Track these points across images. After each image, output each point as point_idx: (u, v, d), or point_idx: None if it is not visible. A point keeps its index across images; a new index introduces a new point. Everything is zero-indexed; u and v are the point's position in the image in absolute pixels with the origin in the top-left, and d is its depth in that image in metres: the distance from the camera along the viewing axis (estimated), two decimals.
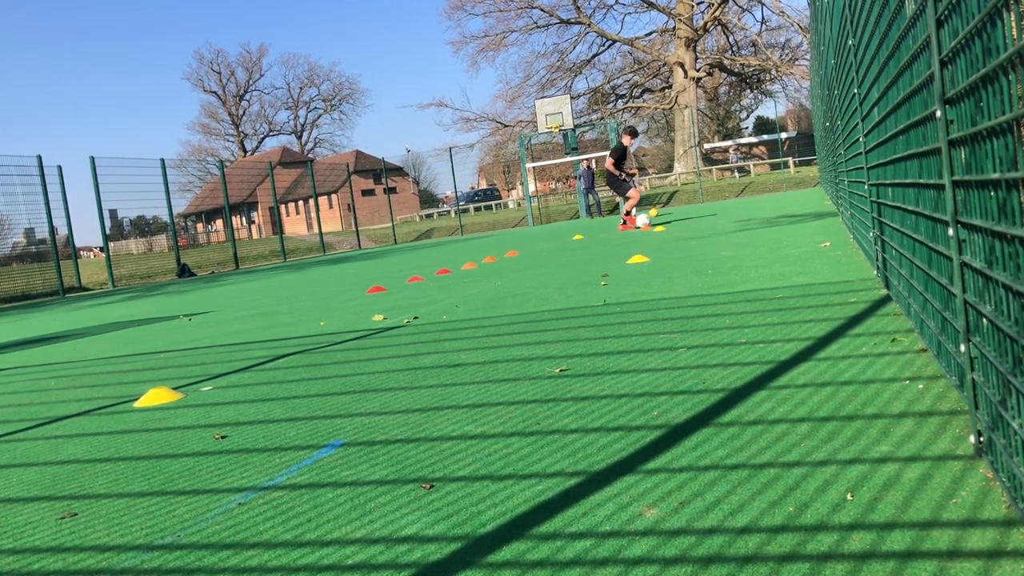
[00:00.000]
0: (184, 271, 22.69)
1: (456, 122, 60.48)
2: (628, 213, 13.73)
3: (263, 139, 73.24)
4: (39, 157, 19.80)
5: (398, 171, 59.78)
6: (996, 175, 1.17)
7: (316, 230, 36.40)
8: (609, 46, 43.20)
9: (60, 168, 20.33)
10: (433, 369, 3.19)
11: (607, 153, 14.74)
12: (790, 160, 38.51)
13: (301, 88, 73.27)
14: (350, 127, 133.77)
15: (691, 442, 1.85)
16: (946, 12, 1.43)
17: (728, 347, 2.84)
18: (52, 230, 20.22)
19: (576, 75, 43.54)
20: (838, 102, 5.37)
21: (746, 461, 1.68)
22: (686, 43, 39.86)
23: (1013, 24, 1.04)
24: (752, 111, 54.36)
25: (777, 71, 40.93)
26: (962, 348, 1.58)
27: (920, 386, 2.03)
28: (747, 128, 57.46)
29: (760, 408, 2.04)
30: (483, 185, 63.40)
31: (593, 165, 28.99)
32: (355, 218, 34.54)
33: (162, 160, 23.25)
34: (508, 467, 1.85)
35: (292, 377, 3.45)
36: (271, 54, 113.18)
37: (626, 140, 13.09)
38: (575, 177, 32.00)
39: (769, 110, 74.92)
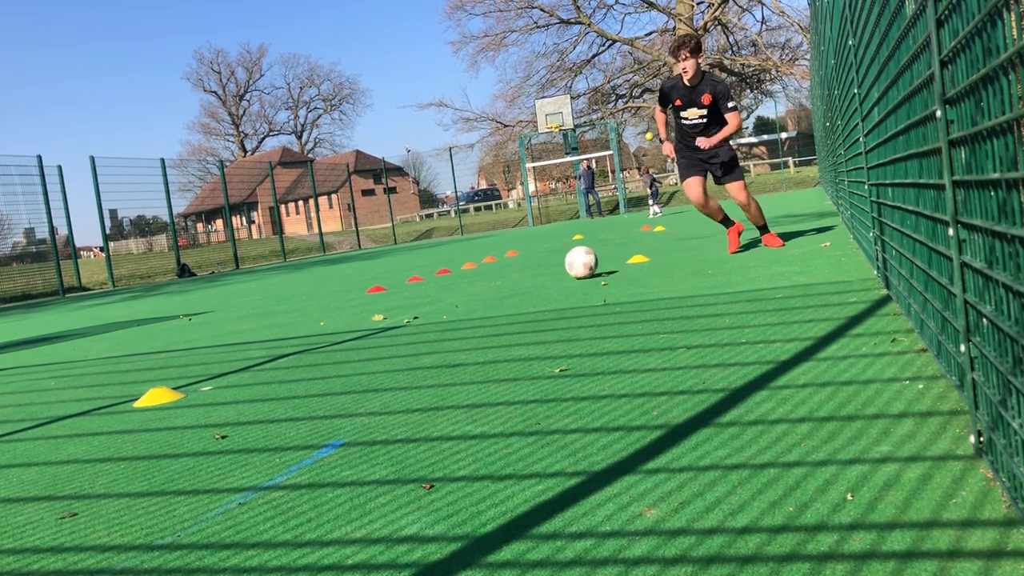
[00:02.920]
0: (184, 271, 22.69)
1: (456, 122, 60.42)
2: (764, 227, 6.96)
3: (263, 139, 73.26)
4: (39, 157, 19.83)
5: (398, 171, 59.79)
6: (996, 175, 1.17)
7: (316, 230, 36.40)
8: (609, 46, 43.17)
9: (60, 168, 20.36)
10: (433, 369, 3.19)
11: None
12: (790, 160, 38.50)
13: (301, 88, 73.29)
14: (350, 127, 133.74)
15: (691, 442, 1.85)
16: (946, 12, 1.43)
17: (728, 347, 2.84)
18: (52, 230, 20.24)
19: (576, 75, 43.49)
20: (838, 102, 5.37)
21: (746, 461, 1.68)
22: None
23: (1013, 24, 1.04)
24: (752, 111, 54.30)
25: (777, 71, 40.89)
26: (962, 348, 1.58)
27: (920, 386, 2.03)
28: (747, 128, 57.44)
29: (760, 408, 2.04)
30: (483, 185, 63.41)
31: (593, 165, 28.98)
32: (355, 218, 34.57)
33: (162, 160, 23.27)
34: (508, 467, 1.85)
35: (292, 377, 3.45)
36: (271, 54, 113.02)
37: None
38: (575, 177, 32.00)
39: (769, 110, 74.83)
